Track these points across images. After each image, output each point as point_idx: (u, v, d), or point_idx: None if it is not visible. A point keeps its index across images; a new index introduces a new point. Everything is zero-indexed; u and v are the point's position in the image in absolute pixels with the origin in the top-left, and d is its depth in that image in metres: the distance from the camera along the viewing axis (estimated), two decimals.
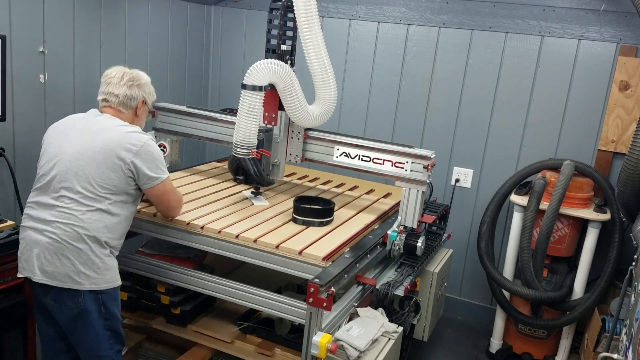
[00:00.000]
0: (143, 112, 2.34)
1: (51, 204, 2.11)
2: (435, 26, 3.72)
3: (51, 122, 3.05)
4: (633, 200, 2.49)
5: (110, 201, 2.14)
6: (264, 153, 2.73)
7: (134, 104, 2.27)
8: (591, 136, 3.48)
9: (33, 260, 2.11)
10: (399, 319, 2.66)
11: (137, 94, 2.26)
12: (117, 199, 2.15)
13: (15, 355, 2.55)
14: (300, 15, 2.55)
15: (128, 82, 2.24)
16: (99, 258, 2.12)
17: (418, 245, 2.73)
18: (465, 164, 3.80)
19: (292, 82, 2.62)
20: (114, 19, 3.39)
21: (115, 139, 2.15)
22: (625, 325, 2.26)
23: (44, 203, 2.13)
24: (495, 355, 3.59)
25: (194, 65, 4.22)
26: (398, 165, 2.75)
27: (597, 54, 3.39)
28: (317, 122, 2.81)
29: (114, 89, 2.23)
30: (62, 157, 2.14)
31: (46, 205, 2.13)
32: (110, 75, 2.26)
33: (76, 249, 2.08)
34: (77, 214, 2.09)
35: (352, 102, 3.99)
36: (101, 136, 2.15)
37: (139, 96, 2.27)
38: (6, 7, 2.73)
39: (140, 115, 2.32)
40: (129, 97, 2.25)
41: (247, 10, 4.22)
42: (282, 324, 2.60)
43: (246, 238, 2.40)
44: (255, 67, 2.51)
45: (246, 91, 2.51)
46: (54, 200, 2.12)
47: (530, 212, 3.21)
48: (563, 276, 3.36)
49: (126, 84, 2.24)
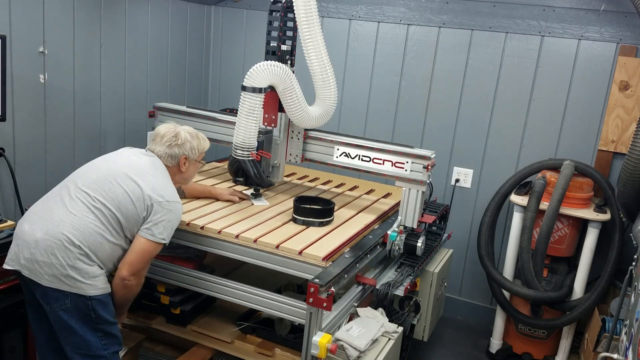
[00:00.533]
0: (188, 167, 2.42)
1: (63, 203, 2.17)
2: (435, 26, 3.72)
3: (51, 122, 3.09)
4: (633, 200, 2.49)
5: (119, 232, 2.19)
6: (264, 155, 2.73)
7: (175, 161, 2.37)
8: (591, 136, 3.48)
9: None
10: (399, 319, 2.66)
11: (177, 152, 2.36)
12: (123, 231, 2.20)
13: (15, 355, 2.55)
14: (300, 15, 2.55)
15: (167, 142, 2.35)
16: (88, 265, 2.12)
17: (418, 245, 2.73)
18: (465, 164, 3.80)
19: (291, 83, 2.62)
20: (114, 19, 3.39)
21: (153, 183, 2.23)
22: (625, 325, 2.26)
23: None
24: (495, 355, 3.59)
25: (194, 65, 4.22)
26: (398, 165, 2.75)
27: (597, 54, 3.39)
28: (317, 122, 2.81)
29: (155, 146, 2.37)
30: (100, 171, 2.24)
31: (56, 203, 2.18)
32: (155, 134, 2.41)
33: (67, 250, 2.08)
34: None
35: (352, 102, 3.99)
36: (142, 176, 2.23)
37: (179, 154, 2.36)
38: (6, 7, 2.73)
39: (184, 170, 2.41)
40: (169, 155, 2.36)
41: (247, 10, 4.22)
42: (282, 324, 2.60)
43: (246, 238, 2.40)
44: (255, 69, 2.52)
45: (246, 93, 2.51)
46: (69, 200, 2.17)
47: (530, 212, 3.21)
48: (563, 276, 3.36)
49: (165, 144, 2.35)
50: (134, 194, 2.16)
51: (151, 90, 3.79)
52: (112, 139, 3.53)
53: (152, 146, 2.38)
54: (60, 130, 3.17)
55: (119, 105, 3.56)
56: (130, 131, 3.65)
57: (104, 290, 2.15)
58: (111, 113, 3.50)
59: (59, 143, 3.17)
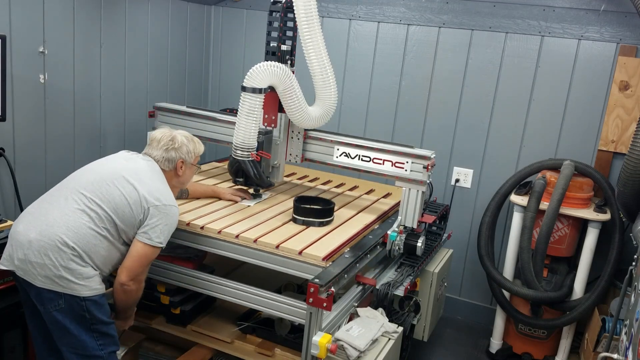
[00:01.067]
0: (185, 171, 2.43)
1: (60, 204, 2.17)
2: (435, 26, 3.72)
3: (51, 122, 3.09)
4: (633, 200, 2.49)
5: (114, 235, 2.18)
6: (264, 155, 2.73)
7: (172, 165, 2.38)
8: (591, 136, 3.48)
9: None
10: (399, 319, 2.66)
11: (174, 156, 2.38)
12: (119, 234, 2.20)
13: (15, 355, 2.55)
14: (300, 15, 2.55)
15: (163, 146, 2.37)
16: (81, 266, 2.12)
17: (418, 245, 2.73)
18: (465, 164, 3.80)
19: (291, 84, 2.62)
20: (114, 19, 3.39)
21: (149, 186, 2.23)
22: (625, 325, 2.26)
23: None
24: (495, 355, 3.59)
25: (194, 65, 4.22)
26: (398, 166, 2.75)
27: (597, 54, 3.39)
28: (317, 123, 2.81)
29: (152, 151, 2.38)
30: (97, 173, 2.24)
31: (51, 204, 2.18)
32: (151, 138, 2.42)
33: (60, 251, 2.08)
34: None
35: (352, 102, 3.99)
36: (139, 179, 2.23)
37: (177, 158, 2.38)
38: (6, 7, 2.73)
39: (181, 174, 2.42)
40: (166, 159, 2.37)
41: (247, 10, 4.22)
42: (282, 324, 2.60)
43: (246, 238, 2.40)
44: (255, 69, 2.52)
45: (246, 93, 2.51)
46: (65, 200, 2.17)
47: (530, 212, 3.21)
48: (563, 276, 3.36)
49: (162, 148, 2.37)
50: (131, 196, 2.16)
51: (151, 90, 3.79)
52: (112, 139, 3.53)
53: (149, 150, 2.39)
54: (60, 130, 3.17)
55: (119, 105, 3.56)
56: (130, 131, 3.65)
57: (98, 290, 2.15)
58: (111, 113, 3.50)
59: (59, 143, 3.17)
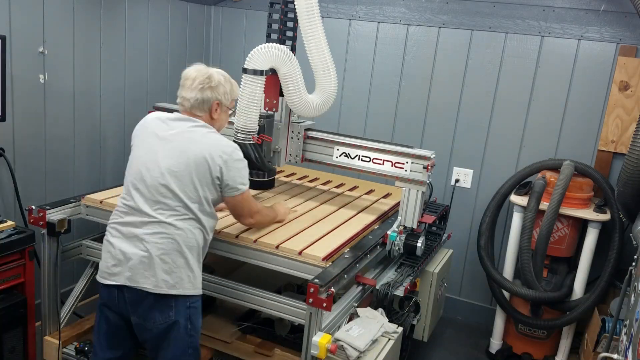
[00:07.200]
0: (220, 114, 2.24)
1: (148, 213, 2.09)
2: (435, 26, 3.72)
3: (51, 122, 3.09)
4: (633, 200, 2.49)
5: (202, 211, 2.13)
6: (265, 139, 2.71)
7: (206, 107, 2.18)
8: (591, 136, 3.48)
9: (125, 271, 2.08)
10: (398, 319, 2.66)
11: (209, 97, 2.17)
12: (206, 209, 2.15)
13: (15, 355, 2.55)
14: (300, 2, 2.55)
15: (199, 84, 2.15)
16: (190, 266, 2.11)
17: (418, 245, 2.73)
18: (465, 164, 3.80)
19: (293, 67, 2.59)
20: (114, 19, 3.39)
21: (202, 150, 2.10)
22: (625, 325, 2.26)
23: (141, 212, 2.10)
24: (495, 355, 3.59)
25: None
26: (398, 166, 2.75)
27: (597, 54, 3.39)
28: (316, 111, 2.78)
29: (186, 92, 2.17)
30: (154, 171, 2.11)
31: (142, 215, 2.10)
32: (185, 77, 2.20)
33: (171, 258, 2.07)
34: (176, 225, 2.08)
35: (352, 102, 3.99)
36: (190, 150, 2.10)
37: (212, 98, 2.17)
38: (6, 7, 2.73)
39: (216, 118, 2.22)
40: (200, 100, 2.16)
41: (247, 10, 4.22)
42: (282, 324, 2.60)
43: (246, 238, 2.40)
44: (256, 50, 2.50)
45: (247, 75, 2.48)
46: (152, 210, 2.09)
47: (530, 212, 3.21)
48: (563, 276, 3.36)
49: (197, 87, 2.15)
50: (199, 170, 2.10)
51: (151, 90, 3.79)
52: (112, 139, 3.54)
53: (182, 92, 2.19)
54: (60, 130, 3.17)
55: (118, 105, 3.56)
56: (130, 131, 3.60)
57: (201, 290, 2.17)
58: (111, 113, 3.50)
59: (59, 143, 3.17)
